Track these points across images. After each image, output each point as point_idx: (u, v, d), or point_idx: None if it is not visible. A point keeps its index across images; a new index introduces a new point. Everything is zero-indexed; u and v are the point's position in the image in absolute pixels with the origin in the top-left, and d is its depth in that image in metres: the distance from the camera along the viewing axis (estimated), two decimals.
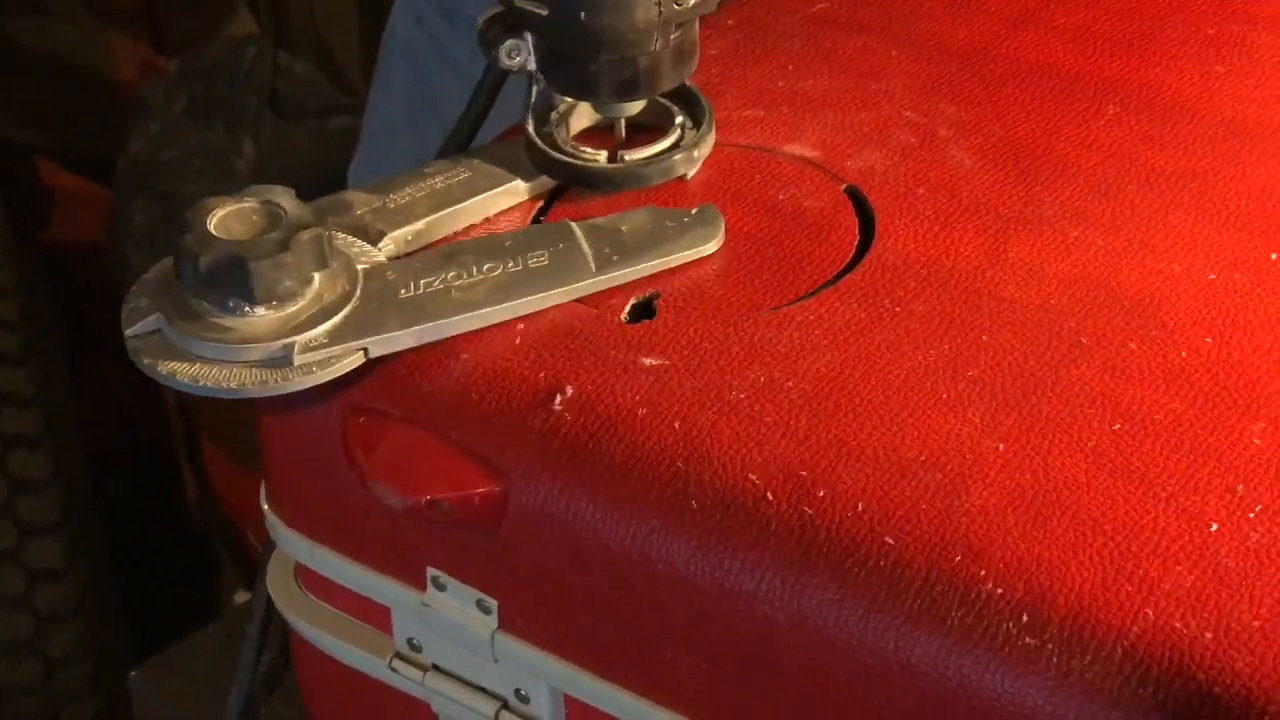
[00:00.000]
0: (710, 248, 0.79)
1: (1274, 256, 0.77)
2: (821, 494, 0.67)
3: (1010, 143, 0.84)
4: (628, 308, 0.76)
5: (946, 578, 0.64)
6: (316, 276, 0.75)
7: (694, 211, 0.79)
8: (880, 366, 0.72)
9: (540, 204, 0.83)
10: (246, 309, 0.74)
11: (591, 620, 0.71)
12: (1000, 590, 0.63)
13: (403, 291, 0.76)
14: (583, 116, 0.85)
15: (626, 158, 0.83)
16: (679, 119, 0.84)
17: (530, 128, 0.83)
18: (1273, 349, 0.72)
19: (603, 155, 0.83)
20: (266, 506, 0.80)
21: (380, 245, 0.79)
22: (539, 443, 0.70)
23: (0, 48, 2.12)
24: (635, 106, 0.83)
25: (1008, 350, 0.72)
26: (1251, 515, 0.65)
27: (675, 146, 0.83)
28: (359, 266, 0.77)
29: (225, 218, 0.75)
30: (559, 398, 0.71)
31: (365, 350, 0.74)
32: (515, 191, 0.83)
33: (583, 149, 0.83)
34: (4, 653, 1.67)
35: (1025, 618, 0.62)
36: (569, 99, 0.84)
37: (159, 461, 2.09)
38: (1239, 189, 0.81)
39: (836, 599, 0.65)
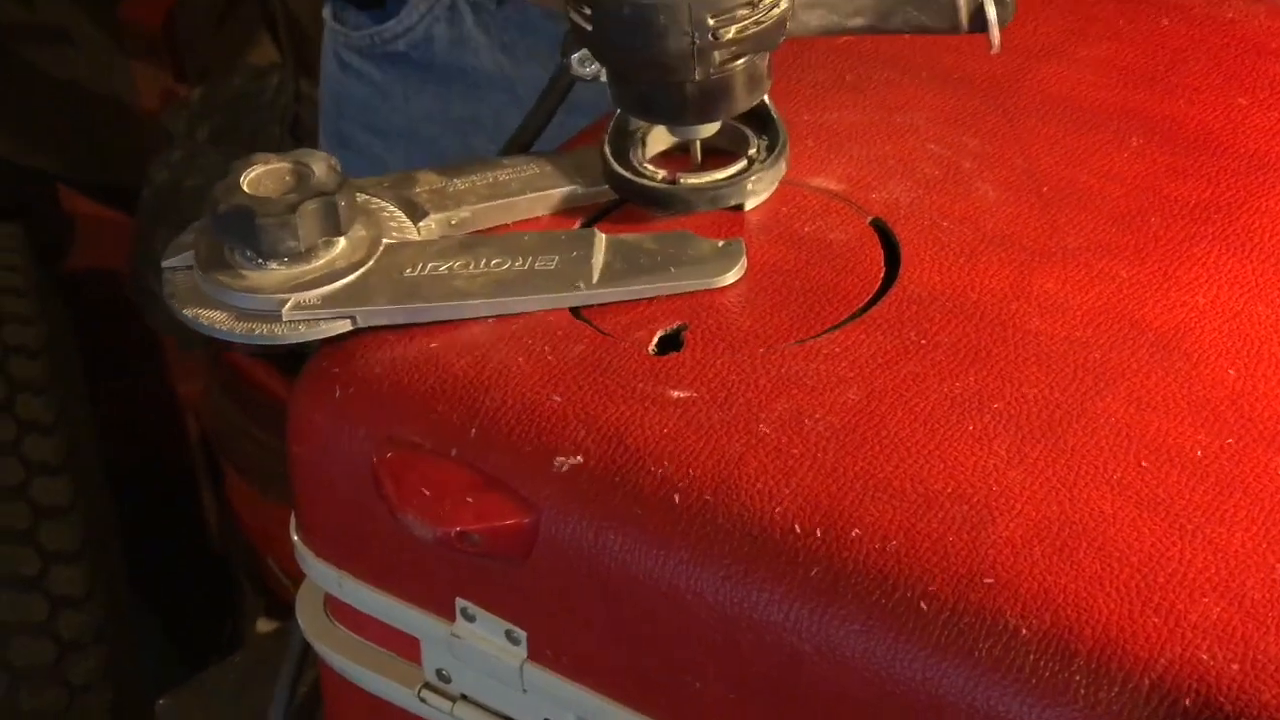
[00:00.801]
0: (724, 280, 0.78)
1: None
2: (848, 526, 0.67)
3: (1034, 175, 0.84)
4: (655, 340, 0.76)
5: (973, 609, 0.64)
6: (341, 241, 0.77)
7: (721, 244, 0.80)
8: (907, 399, 0.72)
9: (597, 211, 0.83)
10: (260, 261, 0.76)
11: (620, 651, 0.72)
12: (1027, 622, 0.63)
13: (408, 270, 0.77)
14: (663, 133, 0.85)
15: (681, 180, 0.83)
16: (752, 150, 0.84)
17: (607, 136, 0.83)
18: None
19: (660, 175, 0.83)
20: (296, 537, 0.80)
21: (421, 224, 0.80)
22: (568, 475, 0.70)
23: (22, 76, 2.13)
24: (704, 130, 0.83)
25: (1033, 382, 0.73)
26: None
27: (735, 177, 0.83)
28: (385, 240, 0.78)
29: (261, 175, 0.77)
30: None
31: (353, 319, 0.75)
32: (572, 196, 0.83)
33: (645, 165, 0.83)
34: (26, 679, 1.68)
35: (1052, 649, 0.63)
36: None
37: (181, 489, 2.09)
38: (1262, 221, 0.81)
39: (864, 630, 0.65)
